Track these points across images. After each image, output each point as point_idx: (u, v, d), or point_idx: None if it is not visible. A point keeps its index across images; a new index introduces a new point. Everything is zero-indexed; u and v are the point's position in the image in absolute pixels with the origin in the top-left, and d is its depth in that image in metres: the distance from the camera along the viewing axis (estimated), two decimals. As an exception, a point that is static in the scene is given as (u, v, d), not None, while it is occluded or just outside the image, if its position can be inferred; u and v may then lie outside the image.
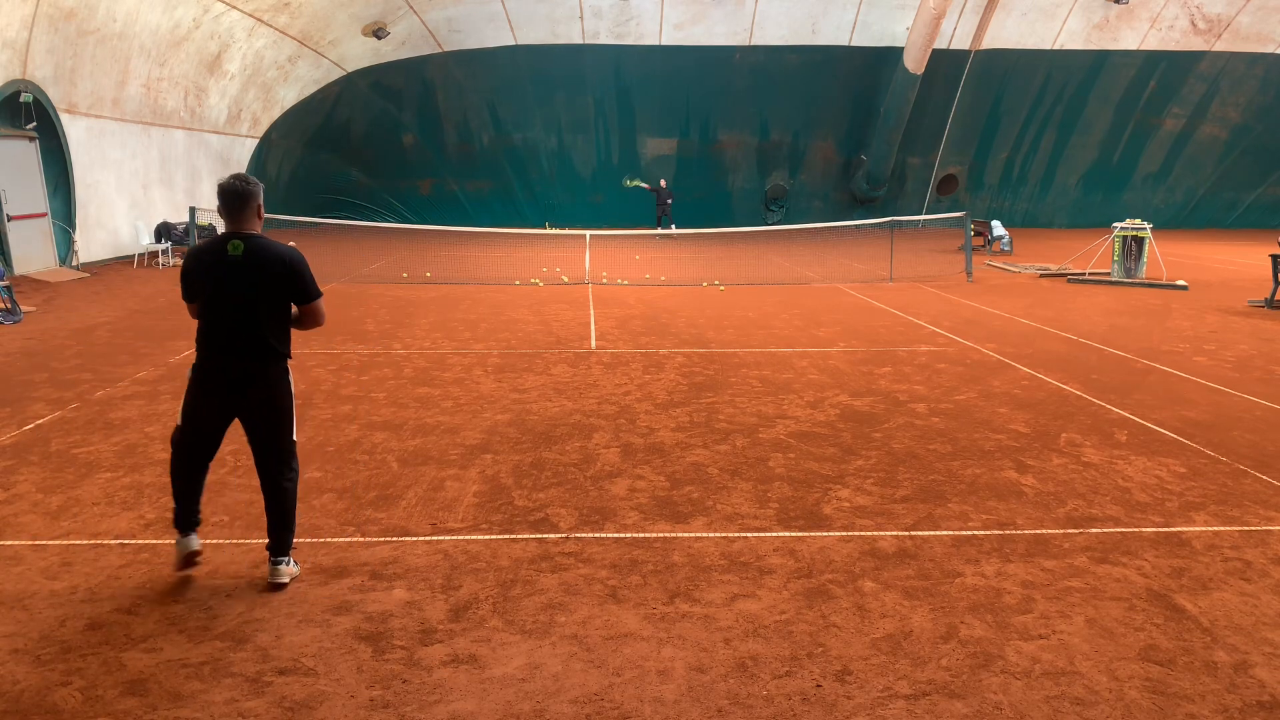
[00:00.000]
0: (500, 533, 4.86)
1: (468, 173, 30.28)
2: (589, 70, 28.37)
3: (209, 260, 4.13)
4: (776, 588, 4.22)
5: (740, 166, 30.79)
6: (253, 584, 4.22)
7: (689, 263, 19.34)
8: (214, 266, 4.11)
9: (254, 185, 4.19)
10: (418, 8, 24.91)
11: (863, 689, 3.40)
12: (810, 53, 28.04)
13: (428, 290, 14.72)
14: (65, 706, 3.24)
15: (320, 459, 6.06)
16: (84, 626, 3.81)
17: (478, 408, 7.41)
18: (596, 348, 10.01)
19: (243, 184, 4.15)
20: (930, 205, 31.21)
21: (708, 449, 6.34)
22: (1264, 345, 10.33)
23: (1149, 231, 16.04)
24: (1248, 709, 3.28)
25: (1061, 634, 3.80)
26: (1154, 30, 27.83)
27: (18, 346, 9.85)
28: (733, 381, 8.40)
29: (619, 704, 3.30)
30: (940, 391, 8.05)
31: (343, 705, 3.28)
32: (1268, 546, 4.71)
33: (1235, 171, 31.53)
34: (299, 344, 10.01)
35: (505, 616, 3.94)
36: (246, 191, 4.14)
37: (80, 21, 15.92)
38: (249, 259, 4.08)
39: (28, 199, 15.83)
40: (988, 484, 5.65)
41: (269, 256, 4.11)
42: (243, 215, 4.15)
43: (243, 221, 4.15)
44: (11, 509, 5.11)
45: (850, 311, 12.75)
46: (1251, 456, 6.21)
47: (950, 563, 4.50)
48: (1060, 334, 10.99)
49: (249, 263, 4.07)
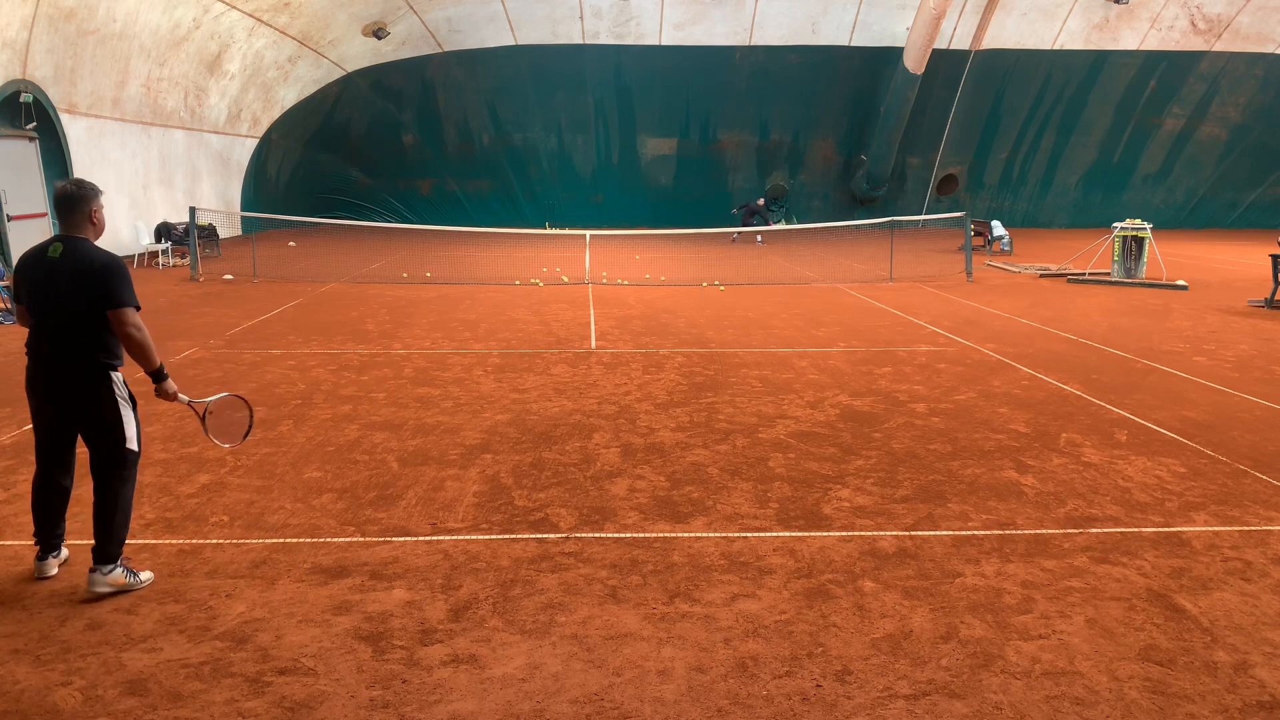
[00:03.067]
0: (500, 533, 4.86)
1: (468, 173, 30.29)
2: (589, 70, 28.38)
3: (32, 262, 4.14)
4: (776, 588, 4.22)
5: (740, 166, 30.79)
6: (253, 584, 4.22)
7: (689, 263, 19.34)
8: (36, 269, 4.11)
9: (87, 191, 4.17)
10: (418, 8, 24.91)
11: (863, 689, 3.40)
12: (810, 53, 28.04)
13: (428, 290, 14.72)
14: (65, 706, 3.24)
15: (320, 459, 6.06)
16: (84, 626, 3.81)
17: (478, 408, 7.41)
18: (596, 348, 10.01)
19: (75, 189, 4.14)
20: (930, 205, 31.21)
21: (708, 449, 6.34)
22: (1264, 345, 10.33)
23: (1149, 231, 16.04)
24: (1248, 709, 3.28)
25: (1061, 634, 3.80)
26: (1154, 30, 27.83)
27: (18, 346, 9.81)
28: (733, 381, 8.40)
29: (619, 704, 3.30)
30: (940, 391, 8.05)
31: (343, 705, 3.28)
32: (1268, 546, 4.71)
33: (1235, 171, 31.54)
34: (300, 343, 10.03)
35: (505, 616, 3.94)
36: (78, 196, 4.13)
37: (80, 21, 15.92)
38: (66, 261, 4.05)
39: (28, 199, 15.84)
40: (988, 484, 5.65)
41: (83, 260, 4.05)
42: (72, 219, 4.14)
43: (72, 225, 4.14)
44: (11, 509, 5.12)
45: (850, 311, 12.75)
46: (1251, 456, 6.21)
47: (950, 563, 4.50)
48: (1060, 334, 10.99)
49: (65, 266, 4.04)
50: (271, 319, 11.79)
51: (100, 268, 4.05)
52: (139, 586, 4.15)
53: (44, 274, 4.07)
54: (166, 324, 11.14)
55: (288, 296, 13.85)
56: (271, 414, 7.15)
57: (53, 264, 4.06)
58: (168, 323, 11.26)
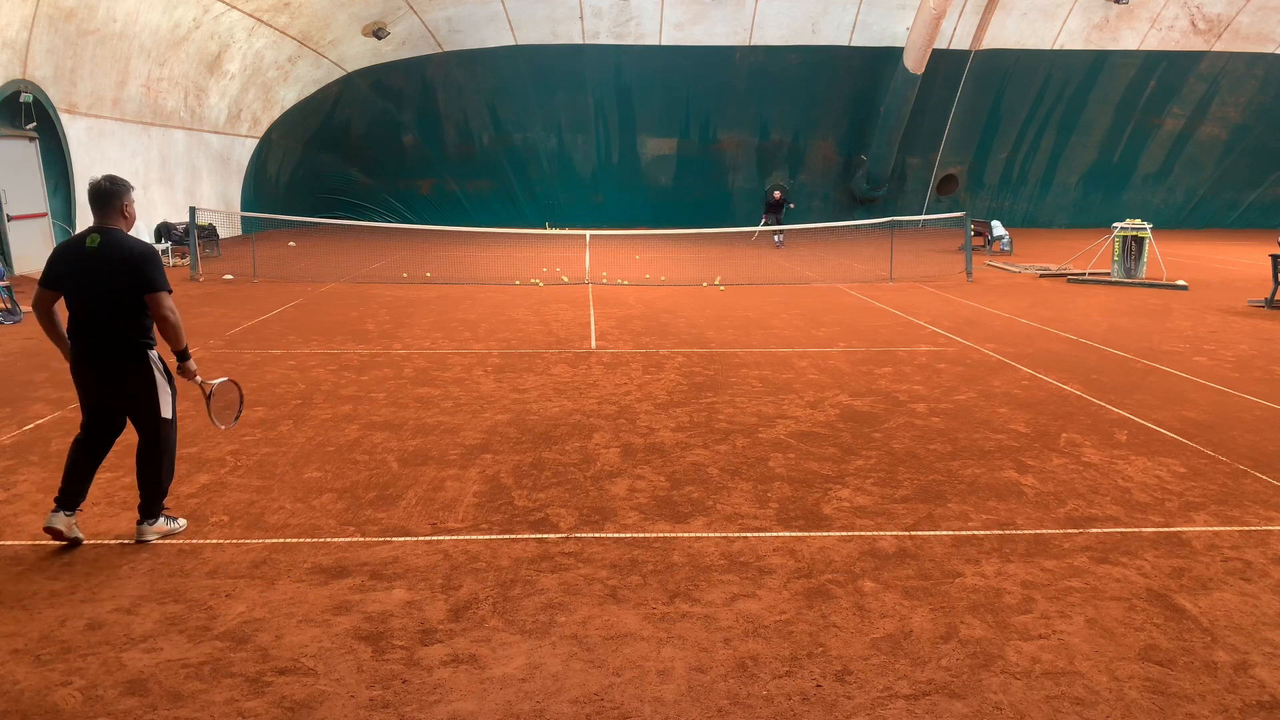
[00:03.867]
0: (500, 533, 4.86)
1: (468, 173, 30.29)
2: (589, 70, 28.38)
3: (70, 253, 4.47)
4: (776, 588, 4.22)
5: (740, 166, 30.80)
6: (253, 584, 4.22)
7: (689, 263, 19.34)
8: (73, 258, 4.44)
9: (119, 186, 4.53)
10: (418, 8, 24.92)
11: (863, 689, 3.40)
12: (810, 53, 28.05)
13: (428, 290, 14.72)
14: (65, 706, 3.24)
15: (320, 459, 6.06)
16: (84, 626, 3.81)
17: (478, 408, 7.41)
18: (596, 348, 10.01)
19: (109, 184, 4.51)
20: (930, 205, 31.21)
21: (708, 449, 6.34)
22: (1264, 345, 10.33)
23: (1149, 231, 16.04)
24: (1248, 709, 3.28)
25: (1061, 634, 3.80)
26: (1154, 30, 27.83)
27: (18, 346, 9.86)
28: (733, 381, 8.40)
29: (619, 704, 3.30)
30: (940, 391, 8.05)
31: (343, 705, 3.28)
32: (1268, 546, 4.71)
33: (1235, 171, 31.54)
34: (300, 343, 10.03)
35: (505, 616, 3.94)
36: (111, 191, 4.50)
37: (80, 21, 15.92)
38: (103, 251, 4.39)
39: (28, 199, 15.84)
40: (988, 484, 5.65)
41: (121, 249, 4.40)
42: (106, 213, 4.50)
43: (106, 218, 4.50)
44: (11, 509, 5.11)
45: (850, 311, 12.75)
46: (1251, 456, 6.21)
47: (950, 563, 4.50)
48: (1060, 334, 10.99)
49: (103, 255, 4.39)
50: (271, 319, 11.79)
51: (139, 255, 4.42)
52: (179, 530, 4.77)
53: (84, 263, 4.41)
54: (166, 324, 11.14)
55: (288, 296, 13.85)
56: (271, 414, 7.15)
57: (92, 253, 4.40)
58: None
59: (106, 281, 4.37)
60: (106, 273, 4.37)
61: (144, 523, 4.66)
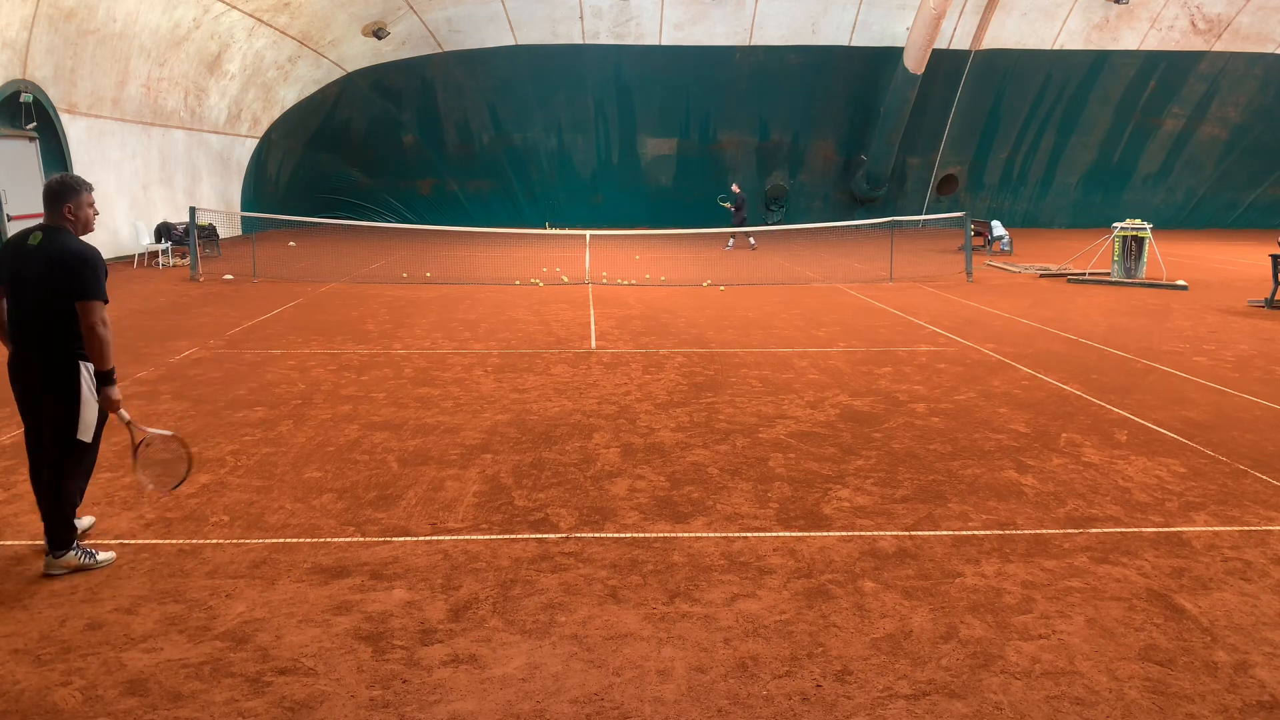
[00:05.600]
0: (500, 533, 4.86)
1: (468, 173, 30.29)
2: (589, 70, 28.38)
3: (15, 249, 4.28)
4: (776, 588, 4.22)
5: (740, 166, 30.80)
6: (253, 584, 4.22)
7: (689, 263, 19.34)
8: (18, 255, 4.25)
9: (69, 185, 4.29)
10: (418, 8, 24.92)
11: (863, 689, 3.40)
12: (810, 53, 28.05)
13: (428, 290, 14.72)
14: (65, 706, 3.24)
15: (320, 459, 6.06)
16: (84, 626, 3.81)
17: (478, 408, 7.41)
18: (596, 348, 10.01)
19: (58, 184, 4.29)
20: (930, 205, 31.22)
21: (708, 449, 6.34)
22: (1264, 345, 10.33)
23: (1149, 231, 16.04)
24: (1248, 709, 3.28)
25: (1061, 634, 3.80)
26: (1154, 30, 27.84)
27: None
28: (733, 381, 8.40)
29: (619, 704, 3.30)
30: (940, 391, 8.05)
31: (343, 705, 3.28)
32: (1268, 546, 4.71)
33: (1235, 171, 31.54)
34: (300, 343, 10.03)
35: (505, 616, 3.94)
36: (58, 191, 4.27)
37: (80, 21, 15.93)
38: (42, 250, 4.18)
39: (28, 199, 15.84)
40: (988, 484, 5.65)
41: (60, 251, 4.17)
42: (52, 212, 4.28)
43: (53, 217, 4.28)
44: (11, 509, 5.11)
45: (850, 311, 12.75)
46: (1251, 456, 6.21)
47: (950, 563, 4.50)
48: (1060, 334, 10.99)
49: (41, 254, 4.17)
50: (271, 319, 11.79)
51: (74, 258, 4.15)
52: (97, 566, 4.30)
53: (22, 261, 4.21)
54: (166, 324, 11.14)
55: (288, 296, 13.85)
56: (271, 414, 7.15)
57: (30, 251, 4.19)
58: (168, 323, 11.26)
59: (42, 283, 4.13)
60: (43, 273, 4.13)
61: (50, 554, 4.24)
